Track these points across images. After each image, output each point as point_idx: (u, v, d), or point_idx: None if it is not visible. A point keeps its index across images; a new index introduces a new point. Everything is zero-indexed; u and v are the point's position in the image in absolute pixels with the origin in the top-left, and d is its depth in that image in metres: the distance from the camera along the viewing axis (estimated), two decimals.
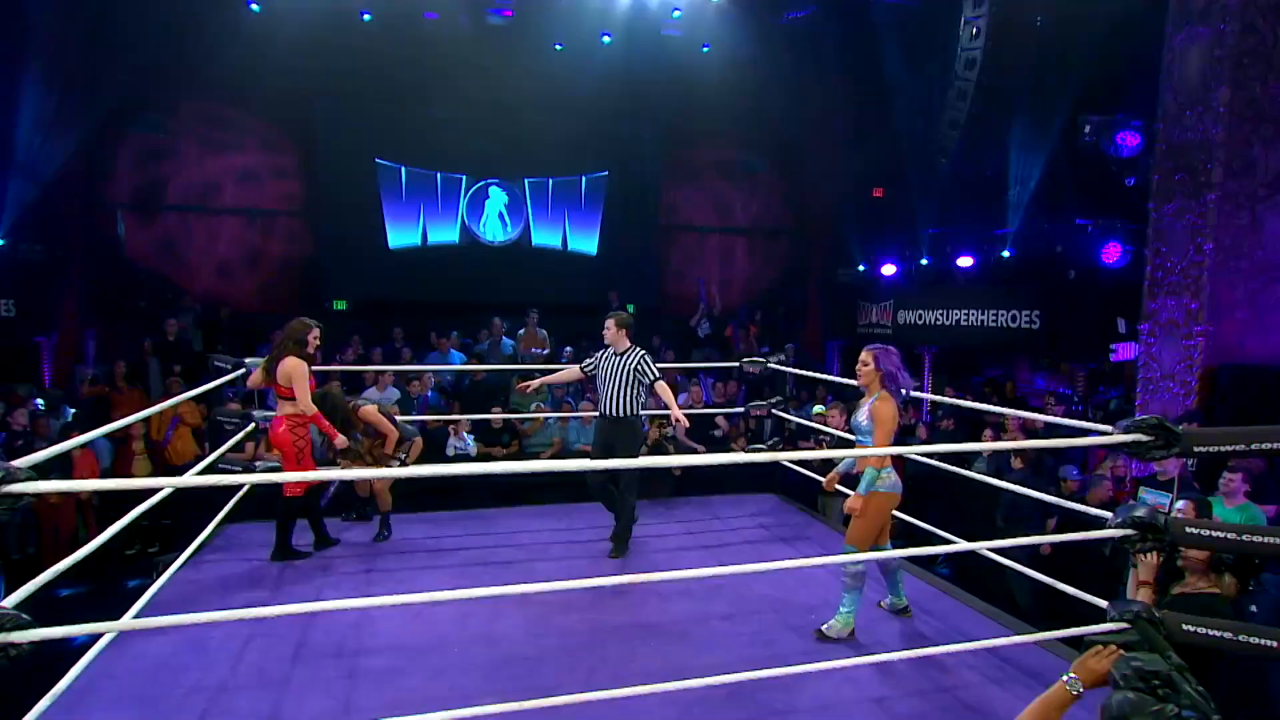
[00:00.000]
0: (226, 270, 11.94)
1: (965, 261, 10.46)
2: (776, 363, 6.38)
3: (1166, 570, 3.53)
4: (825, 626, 3.77)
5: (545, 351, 10.43)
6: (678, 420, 5.00)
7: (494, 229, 12.29)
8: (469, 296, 12.06)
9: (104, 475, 7.62)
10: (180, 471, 8.08)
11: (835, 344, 13.86)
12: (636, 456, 4.93)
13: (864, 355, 3.79)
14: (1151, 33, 6.78)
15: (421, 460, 7.23)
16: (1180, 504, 4.27)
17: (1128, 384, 9.51)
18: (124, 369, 9.01)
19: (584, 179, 12.50)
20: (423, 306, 12.01)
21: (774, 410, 6.25)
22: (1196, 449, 2.89)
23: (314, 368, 4.78)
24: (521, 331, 10.43)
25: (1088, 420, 7.87)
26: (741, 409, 6.48)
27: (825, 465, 6.27)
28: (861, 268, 13.12)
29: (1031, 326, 8.99)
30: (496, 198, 12.28)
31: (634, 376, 4.92)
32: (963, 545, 3.37)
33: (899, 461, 4.68)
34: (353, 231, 11.73)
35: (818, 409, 8.56)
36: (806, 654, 3.54)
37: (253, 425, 4.96)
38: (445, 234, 12.19)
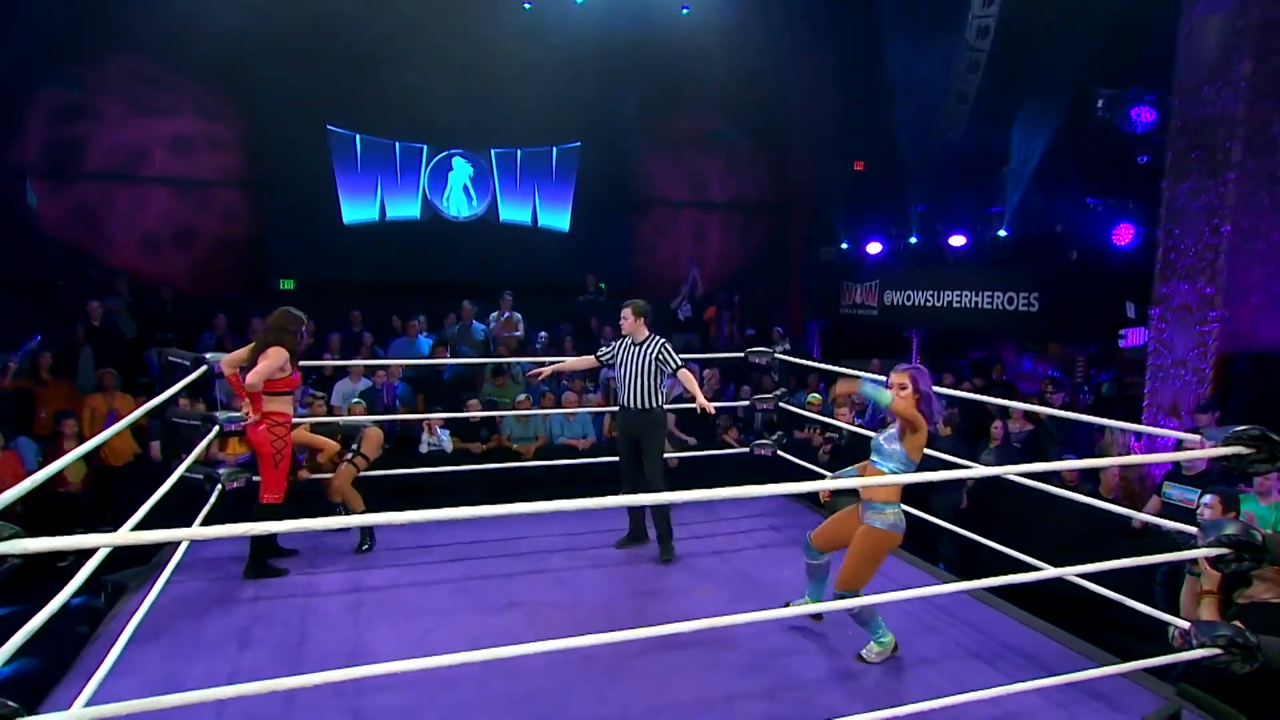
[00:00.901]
0: (154, 246, 11.19)
1: (958, 240, 10.40)
2: (781, 352, 6.19)
3: (1227, 577, 3.45)
4: (865, 651, 3.56)
5: (519, 334, 10.09)
6: (704, 409, 4.85)
7: (458, 203, 11.83)
8: (432, 276, 11.63)
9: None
10: (118, 473, 7.59)
11: (816, 325, 13.79)
12: (662, 448, 4.98)
13: (902, 378, 3.47)
14: (1169, 1, 6.69)
15: (392, 459, 6.95)
16: (1207, 498, 4.21)
17: (1120, 367, 9.63)
18: (49, 360, 8.39)
19: (555, 150, 12.10)
20: (381, 287, 11.55)
21: (780, 403, 6.07)
22: None
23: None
24: (494, 315, 10.06)
25: (1079, 407, 7.89)
26: (746, 401, 6.28)
27: (834, 463, 6.13)
28: (845, 245, 13.01)
29: (1029, 309, 8.96)
30: (460, 170, 11.80)
31: (656, 366, 4.86)
32: (1050, 571, 3.15)
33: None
34: (302, 205, 11.14)
35: (813, 397, 8.43)
36: (854, 678, 3.36)
37: (217, 429, 4.56)
38: (405, 208, 11.68)
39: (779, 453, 6.10)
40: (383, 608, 4.07)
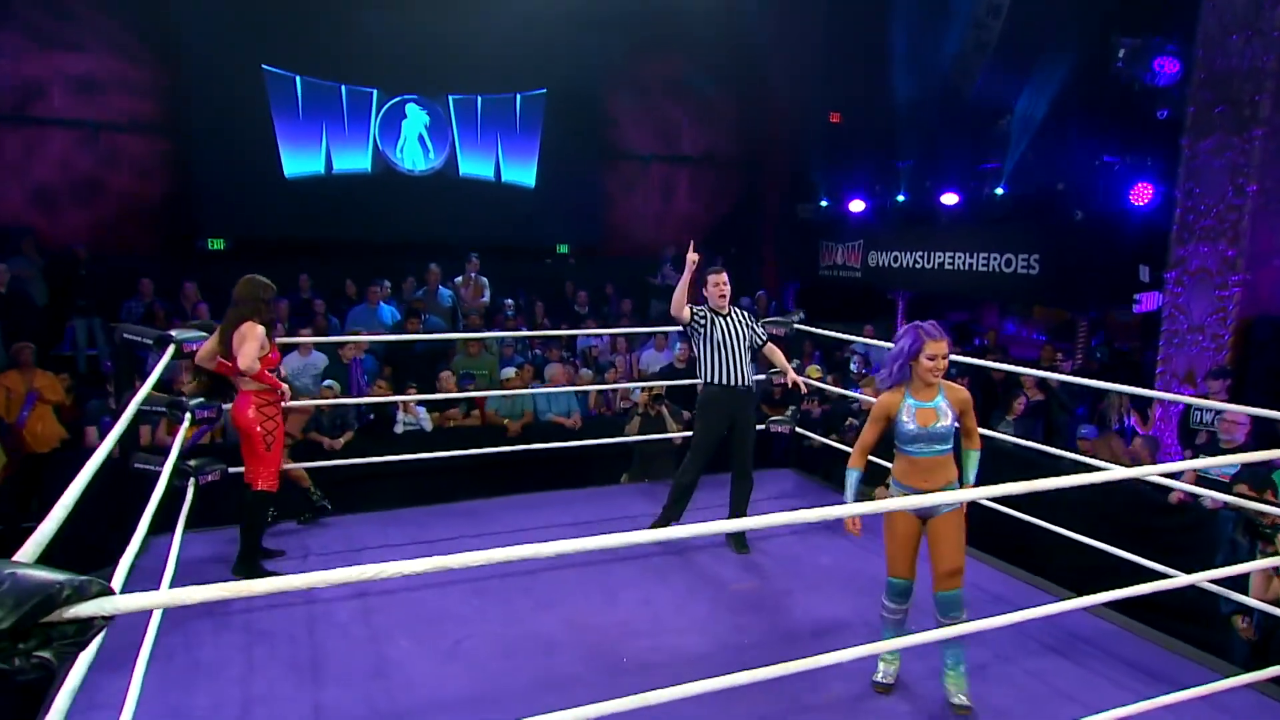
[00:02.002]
0: (49, 200, 10.24)
1: (950, 199, 10.33)
2: (798, 322, 5.99)
3: None
4: (962, 693, 3.09)
5: (486, 301, 9.69)
6: (795, 384, 4.79)
7: (414, 155, 11.22)
8: (385, 236, 11.07)
9: None
10: (44, 461, 7.02)
11: (793, 287, 13.68)
12: (755, 431, 4.81)
13: (944, 345, 3.06)
14: None
15: (367, 443, 6.58)
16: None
17: (1110, 332, 9.78)
18: None
19: (519, 97, 11.56)
20: (328, 247, 10.94)
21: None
22: None
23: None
24: (459, 280, 9.62)
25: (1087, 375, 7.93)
26: (761, 376, 6.07)
27: (852, 438, 6.00)
28: (824, 203, 12.87)
29: (1030, 272, 8.96)
30: (415, 118, 11.18)
31: (749, 337, 4.67)
32: (1181, 579, 2.99)
33: None
34: (235, 155, 10.38)
35: (812, 369, 8.32)
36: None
37: (189, 417, 4.12)
38: (354, 160, 11.03)
39: (797, 429, 5.94)
40: (398, 615, 3.76)
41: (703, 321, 4.64)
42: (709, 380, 4.65)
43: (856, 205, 11.97)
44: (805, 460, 6.41)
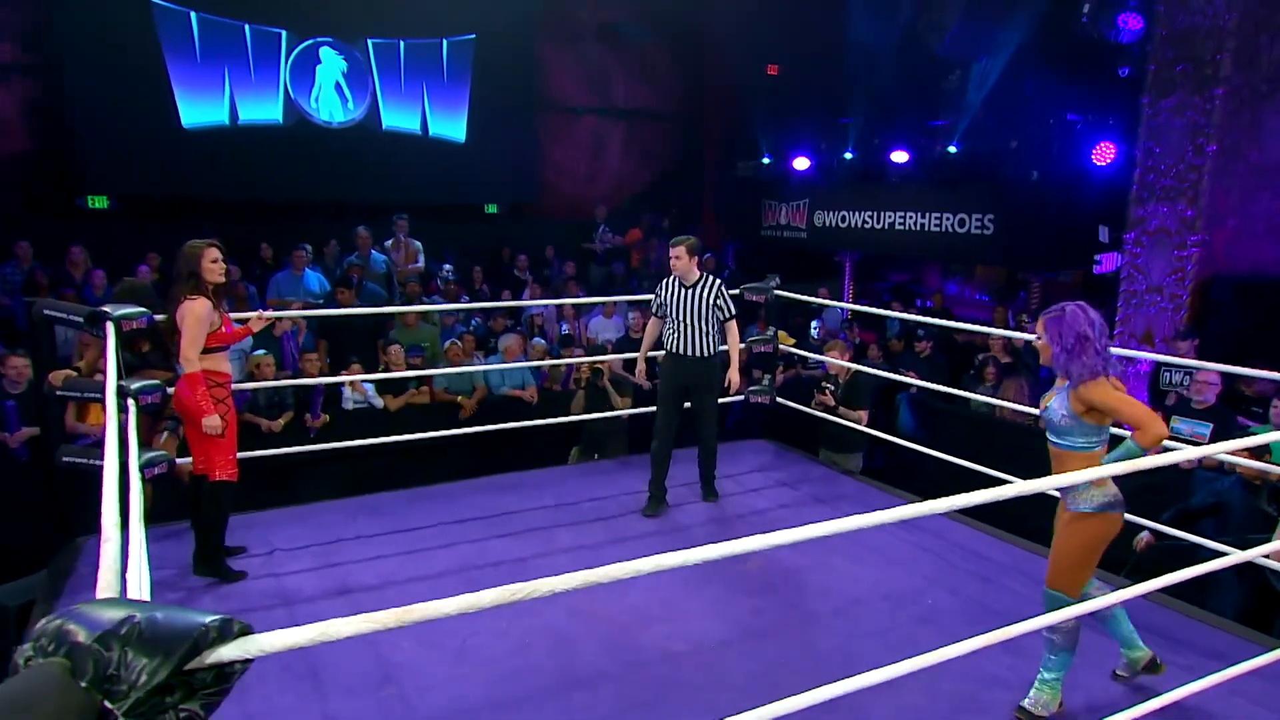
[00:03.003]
0: None
1: (900, 157, 10.47)
2: (775, 288, 5.97)
3: None
4: (1028, 701, 2.94)
5: (420, 266, 9.31)
6: (731, 383, 4.93)
7: (330, 105, 10.60)
8: (301, 195, 10.48)
9: None
10: None
11: (733, 247, 13.69)
12: (718, 399, 5.01)
13: (1037, 327, 2.96)
14: None
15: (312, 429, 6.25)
16: None
17: (1046, 289, 10.16)
18: None
19: (445, 43, 11.04)
20: (236, 207, 10.29)
21: (778, 346, 5.90)
22: None
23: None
24: (389, 243, 9.19)
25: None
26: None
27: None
28: (766, 160, 12.86)
29: (984, 232, 9.21)
30: (331, 63, 10.54)
31: (712, 311, 4.77)
32: (1238, 555, 3.04)
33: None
34: (120, 102, 9.54)
35: (785, 337, 8.35)
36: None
37: (133, 403, 3.77)
38: (264, 110, 10.34)
39: (777, 399, 5.94)
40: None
41: (660, 292, 4.91)
42: (665, 348, 4.92)
43: (801, 163, 12.00)
44: (783, 432, 6.42)
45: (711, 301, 4.75)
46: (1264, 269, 7.01)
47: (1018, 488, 2.22)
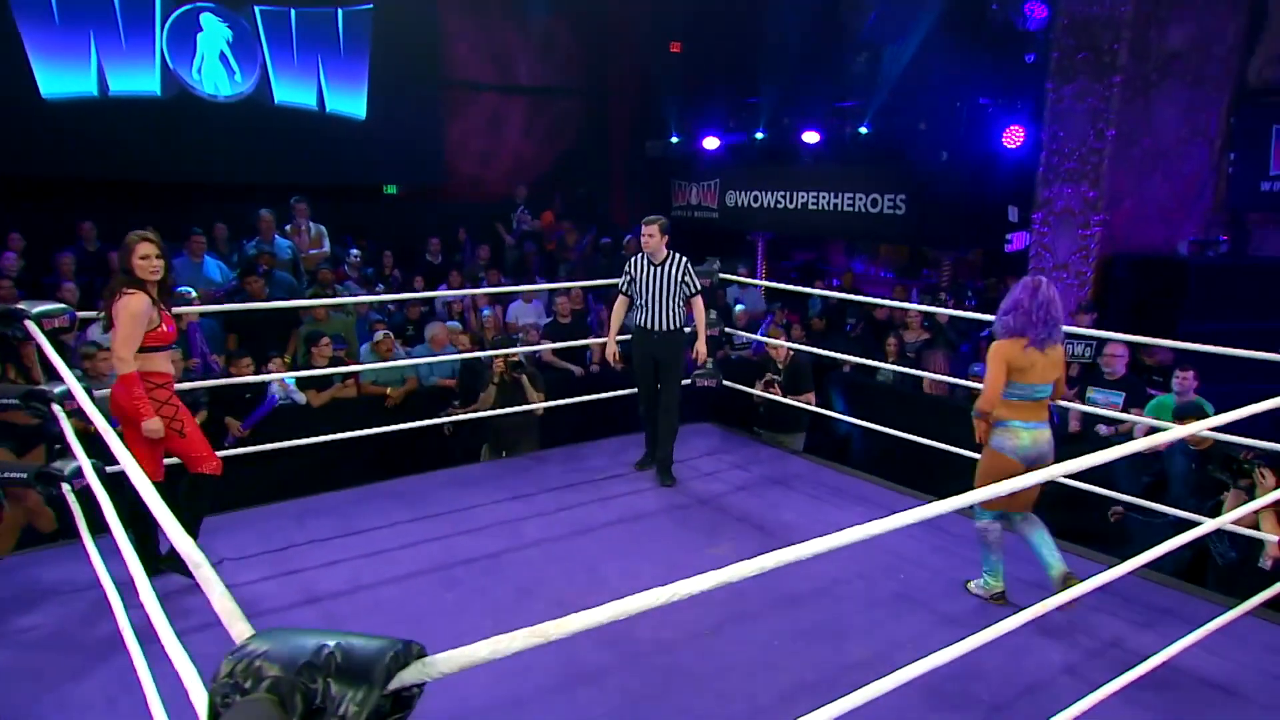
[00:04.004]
0: None
1: (811, 137, 10.77)
2: (719, 271, 6.10)
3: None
4: (973, 585, 3.79)
5: (325, 251, 8.95)
6: (699, 356, 5.27)
7: (215, 77, 9.97)
8: (185, 174, 9.84)
9: None
10: None
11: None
12: (682, 373, 5.30)
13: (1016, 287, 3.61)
14: None
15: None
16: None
17: (956, 267, 10.77)
18: None
19: (340, 12, 10.56)
20: (110, 188, 9.58)
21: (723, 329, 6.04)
22: None
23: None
24: (289, 227, 8.78)
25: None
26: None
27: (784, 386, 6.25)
28: (675, 139, 12.98)
29: (896, 212, 9.63)
30: (214, 31, 9.91)
31: (678, 288, 5.07)
32: (1210, 523, 3.34)
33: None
34: None
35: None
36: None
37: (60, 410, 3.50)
38: (138, 81, 9.62)
39: (724, 382, 6.08)
40: (368, 619, 3.48)
41: (629, 270, 5.17)
42: (634, 323, 5.21)
43: (711, 142, 12.15)
44: (723, 414, 6.57)
45: (679, 279, 5.05)
46: (1156, 248, 7.65)
47: (1024, 480, 2.34)
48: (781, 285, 7.51)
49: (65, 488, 3.66)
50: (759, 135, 11.73)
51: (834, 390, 7.54)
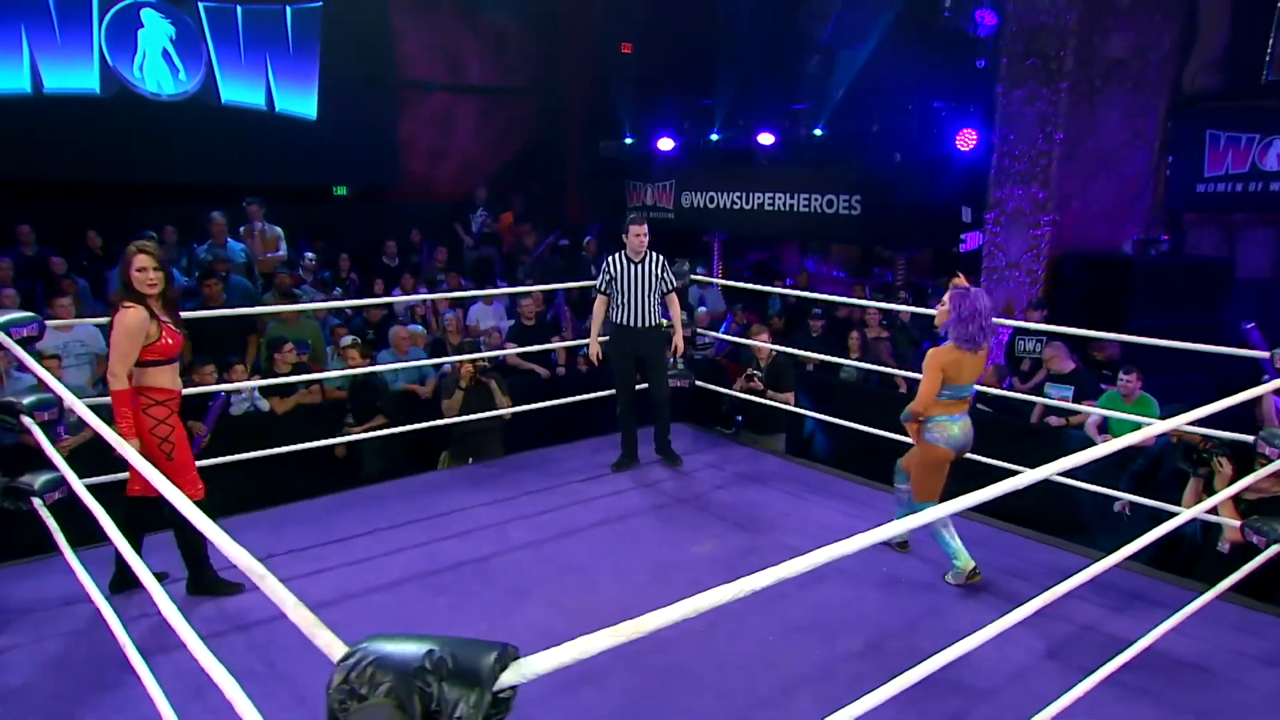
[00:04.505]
0: None
1: (767, 139, 10.93)
2: (690, 272, 6.18)
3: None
4: (949, 576, 3.94)
5: (282, 254, 8.78)
6: (678, 349, 5.43)
7: (158, 75, 9.70)
8: (129, 175, 9.57)
9: None
10: None
11: (597, 228, 13.81)
12: (665, 366, 5.50)
13: (945, 296, 3.90)
14: None
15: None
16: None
17: (910, 266, 11.05)
18: None
19: (289, 10, 10.37)
20: (50, 189, 9.28)
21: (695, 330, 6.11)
22: None
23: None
24: (244, 230, 8.60)
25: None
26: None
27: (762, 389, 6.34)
28: (629, 140, 13.04)
29: (852, 212, 9.83)
30: (156, 28, 9.64)
31: (658, 284, 5.23)
32: (1188, 513, 3.50)
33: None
34: None
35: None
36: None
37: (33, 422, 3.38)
38: (75, 78, 9.31)
39: (697, 383, 6.15)
40: (361, 627, 3.45)
41: (609, 269, 5.24)
42: (613, 320, 5.28)
43: (665, 143, 12.25)
44: (694, 414, 6.64)
45: (659, 275, 5.21)
46: (1103, 247, 7.97)
47: (1030, 476, 2.44)
48: (751, 286, 7.67)
49: (37, 502, 3.58)
50: (714, 137, 11.87)
51: (798, 389, 7.67)
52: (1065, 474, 4.41)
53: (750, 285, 7.63)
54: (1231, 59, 8.18)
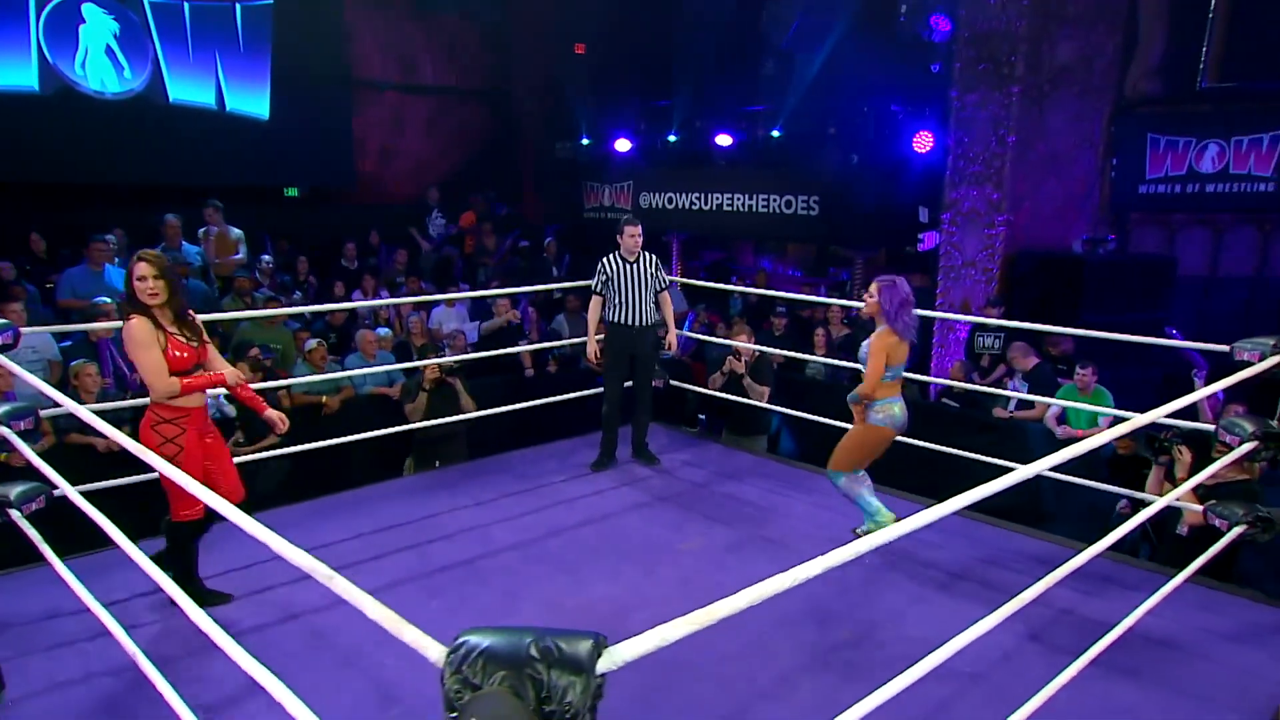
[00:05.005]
0: None
1: (724, 140, 11.07)
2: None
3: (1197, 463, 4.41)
4: (861, 529, 4.28)
5: (241, 257, 8.62)
6: (670, 346, 5.60)
7: (101, 73, 9.42)
8: (71, 175, 9.29)
9: None
10: None
11: (554, 229, 13.81)
12: (654, 365, 5.62)
13: (871, 286, 4.13)
14: None
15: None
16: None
17: (868, 266, 11.29)
18: None
19: (239, 7, 10.16)
20: None
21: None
22: None
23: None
24: (202, 233, 8.42)
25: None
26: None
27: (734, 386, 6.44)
28: (586, 141, 13.07)
29: (810, 213, 10.04)
30: (98, 24, 9.36)
31: (653, 283, 5.35)
32: (1161, 501, 3.67)
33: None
34: None
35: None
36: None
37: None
38: (12, 75, 8.99)
39: (671, 382, 6.23)
40: (354, 632, 3.45)
41: (605, 270, 5.33)
42: (610, 319, 5.38)
43: (623, 145, 12.32)
44: (663, 413, 6.71)
45: (653, 274, 5.34)
46: (1054, 246, 8.28)
47: (1021, 473, 2.54)
48: (714, 285, 7.74)
49: (15, 514, 3.49)
50: (672, 138, 11.97)
51: None
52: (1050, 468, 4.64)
53: (714, 284, 7.70)
54: (1169, 66, 8.56)
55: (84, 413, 2.65)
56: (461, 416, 5.90)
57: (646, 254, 5.36)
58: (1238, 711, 3.04)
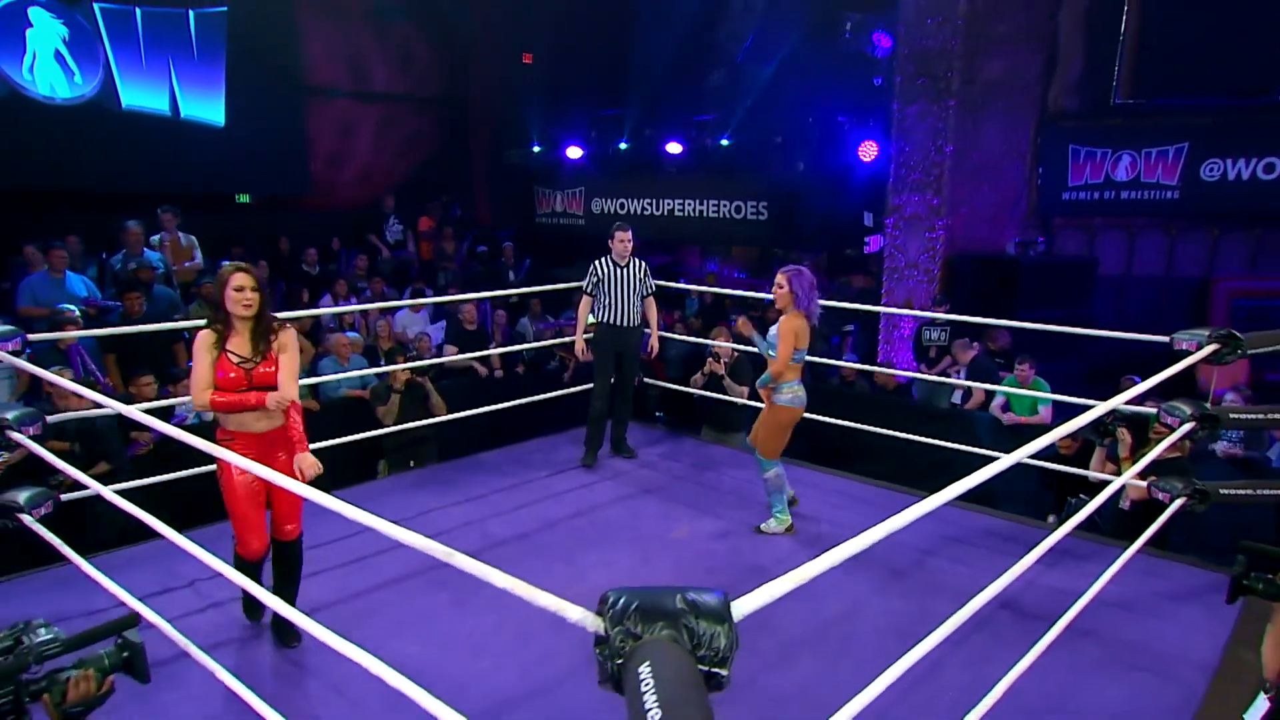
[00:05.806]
0: None
1: (674, 148, 11.27)
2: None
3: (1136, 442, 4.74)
4: (764, 525, 4.51)
5: (199, 263, 8.44)
6: (653, 350, 5.72)
7: (50, 78, 9.09)
8: (20, 181, 8.96)
9: None
10: None
11: (507, 234, 13.81)
12: (639, 364, 5.84)
13: (779, 278, 4.31)
14: None
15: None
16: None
17: (814, 267, 11.62)
18: None
19: (192, 14, 9.91)
20: None
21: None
22: (1252, 351, 3.84)
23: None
24: (157, 239, 8.22)
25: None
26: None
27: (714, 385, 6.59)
28: (537, 148, 13.12)
29: (759, 218, 10.31)
30: (46, 28, 9.04)
31: (640, 286, 5.52)
32: (1120, 480, 3.96)
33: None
34: None
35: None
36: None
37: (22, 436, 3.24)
38: None
39: (645, 380, 6.36)
40: (380, 624, 3.50)
41: (596, 272, 5.50)
42: (599, 320, 5.55)
43: (574, 152, 12.41)
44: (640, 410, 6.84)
45: (641, 279, 5.51)
46: (988, 248, 8.71)
47: (1005, 461, 2.73)
48: (673, 285, 7.89)
49: (26, 518, 3.44)
50: (623, 146, 12.11)
51: None
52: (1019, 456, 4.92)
53: (673, 284, 7.83)
54: (1087, 83, 9.08)
55: (150, 420, 2.66)
56: (443, 418, 5.92)
57: (636, 260, 5.53)
58: (1186, 662, 3.33)
